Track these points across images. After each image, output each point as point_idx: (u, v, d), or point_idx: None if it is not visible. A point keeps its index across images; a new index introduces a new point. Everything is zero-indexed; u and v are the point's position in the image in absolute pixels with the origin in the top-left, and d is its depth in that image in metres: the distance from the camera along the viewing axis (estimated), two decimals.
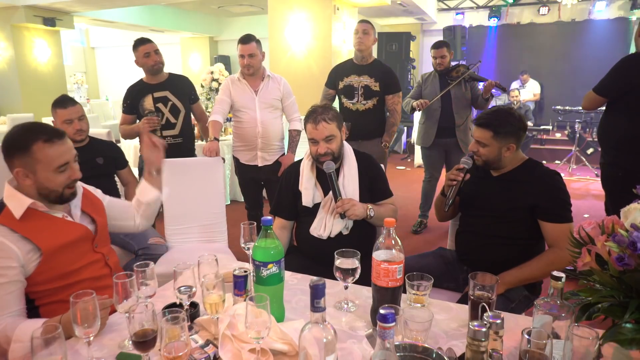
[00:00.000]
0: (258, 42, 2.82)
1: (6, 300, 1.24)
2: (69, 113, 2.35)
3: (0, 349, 1.21)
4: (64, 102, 2.38)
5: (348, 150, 1.93)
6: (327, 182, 1.80)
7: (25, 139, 1.29)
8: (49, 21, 7.41)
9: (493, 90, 3.53)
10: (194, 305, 1.24)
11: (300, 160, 1.98)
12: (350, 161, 1.90)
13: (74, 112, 2.37)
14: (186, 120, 3.01)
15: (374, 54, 9.06)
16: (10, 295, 1.25)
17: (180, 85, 3.01)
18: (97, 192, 1.63)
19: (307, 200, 1.86)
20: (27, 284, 1.31)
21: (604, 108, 2.74)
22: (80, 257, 1.40)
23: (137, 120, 2.97)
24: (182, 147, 2.98)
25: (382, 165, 2.09)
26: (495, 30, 9.14)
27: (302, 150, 1.98)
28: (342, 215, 1.75)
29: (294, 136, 2.97)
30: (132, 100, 2.93)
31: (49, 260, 1.31)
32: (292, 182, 1.93)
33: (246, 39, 2.78)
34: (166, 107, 2.91)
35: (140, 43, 2.87)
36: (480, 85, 3.69)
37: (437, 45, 3.73)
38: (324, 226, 1.82)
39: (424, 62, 9.91)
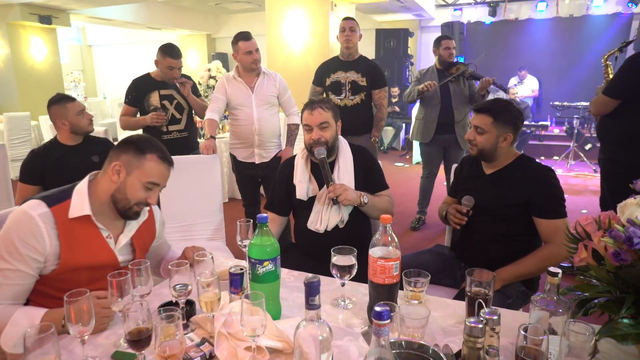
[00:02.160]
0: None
1: (16, 290, 1.22)
2: (78, 105, 2.41)
3: None
4: (67, 96, 2.43)
5: (343, 143, 1.94)
6: (321, 175, 1.79)
7: (146, 146, 1.35)
8: (45, 19, 7.37)
9: (491, 87, 3.55)
10: (189, 303, 1.23)
11: (294, 156, 1.98)
12: (345, 154, 1.90)
13: (82, 105, 2.44)
14: (190, 116, 3.12)
15: (372, 51, 9.02)
16: (23, 287, 1.24)
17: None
18: (160, 231, 1.61)
19: (301, 193, 1.86)
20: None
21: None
22: (96, 280, 1.34)
23: (138, 114, 3.03)
24: (188, 142, 3.11)
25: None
26: (493, 26, 9.12)
27: (300, 146, 1.98)
28: (335, 201, 1.74)
29: (293, 130, 2.97)
30: (138, 94, 2.98)
31: (65, 272, 1.28)
32: (286, 176, 1.94)
33: (249, 35, 2.81)
34: (171, 105, 3.01)
35: (171, 55, 2.86)
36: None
37: (446, 37, 3.75)
38: (320, 220, 1.82)
39: (422, 58, 9.89)
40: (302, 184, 1.86)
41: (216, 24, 11.22)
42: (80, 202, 1.30)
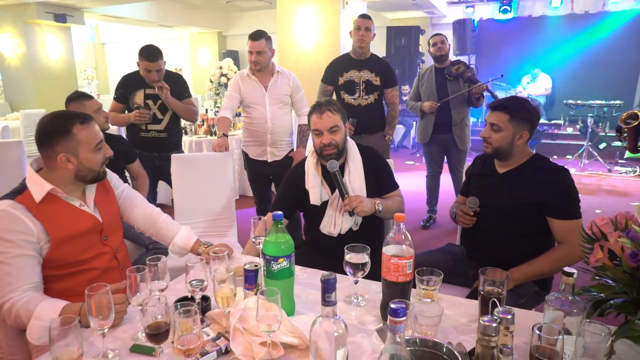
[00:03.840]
0: (268, 39, 2.81)
1: (27, 272, 1.28)
2: (95, 103, 2.43)
3: (19, 322, 1.24)
4: (85, 94, 2.47)
5: (352, 145, 1.91)
6: (333, 179, 1.78)
7: (65, 123, 1.36)
8: (60, 17, 7.47)
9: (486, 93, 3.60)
10: (205, 298, 1.25)
11: (304, 160, 1.96)
12: (354, 157, 1.88)
13: (98, 103, 2.46)
14: (173, 117, 3.04)
15: (383, 48, 8.97)
16: (31, 268, 1.30)
17: (172, 85, 2.98)
18: (112, 179, 1.65)
19: (314, 199, 1.84)
20: None
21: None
22: (89, 248, 1.44)
23: (126, 111, 3.02)
24: (166, 142, 3.03)
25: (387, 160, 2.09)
26: (506, 23, 9.01)
27: (310, 150, 1.97)
28: (351, 213, 1.74)
29: (304, 131, 2.97)
30: (125, 91, 2.97)
31: (58, 247, 1.34)
32: (297, 181, 1.91)
33: (256, 36, 2.77)
34: (155, 105, 2.96)
35: (146, 57, 2.80)
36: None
37: (435, 34, 3.78)
38: (334, 224, 1.81)
39: None
40: (315, 189, 1.84)
41: (227, 21, 11.27)
42: (39, 186, 1.35)
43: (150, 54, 2.81)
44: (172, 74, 3.09)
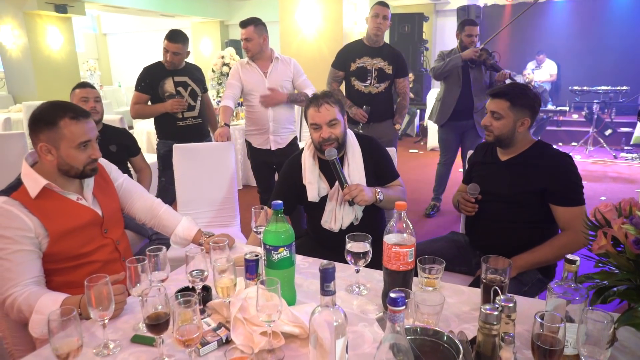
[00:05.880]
0: (258, 25, 2.80)
1: (27, 267, 1.29)
2: (86, 92, 2.44)
3: (22, 316, 1.25)
4: (83, 84, 2.50)
5: (351, 136, 1.86)
6: (331, 172, 1.72)
7: (53, 115, 1.34)
8: (61, 8, 7.42)
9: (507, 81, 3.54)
10: (206, 289, 1.25)
11: (300, 153, 1.89)
12: (353, 148, 1.83)
13: (91, 92, 2.47)
14: (202, 104, 3.15)
15: (387, 36, 8.87)
16: (31, 262, 1.30)
17: (196, 73, 3.15)
18: (112, 171, 1.65)
19: (312, 195, 1.79)
20: None
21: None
22: (89, 241, 1.44)
23: (149, 102, 3.05)
24: (201, 128, 3.16)
25: (392, 148, 2.07)
26: (510, 8, 8.87)
27: (307, 142, 1.91)
28: (351, 202, 1.69)
29: (300, 96, 2.88)
30: (151, 81, 2.99)
31: (57, 242, 1.34)
32: (294, 176, 1.85)
33: (242, 23, 2.81)
34: (186, 91, 3.03)
35: (167, 37, 2.90)
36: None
37: (471, 22, 3.65)
38: (334, 219, 1.78)
39: (437, 43, 9.70)
40: (313, 184, 1.79)
41: (229, 10, 11.16)
42: (33, 181, 1.34)
43: (171, 34, 2.92)
44: (196, 66, 3.22)
